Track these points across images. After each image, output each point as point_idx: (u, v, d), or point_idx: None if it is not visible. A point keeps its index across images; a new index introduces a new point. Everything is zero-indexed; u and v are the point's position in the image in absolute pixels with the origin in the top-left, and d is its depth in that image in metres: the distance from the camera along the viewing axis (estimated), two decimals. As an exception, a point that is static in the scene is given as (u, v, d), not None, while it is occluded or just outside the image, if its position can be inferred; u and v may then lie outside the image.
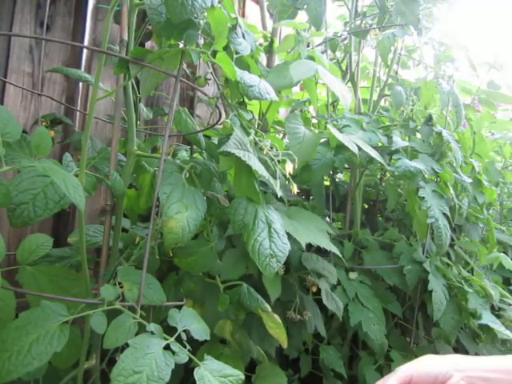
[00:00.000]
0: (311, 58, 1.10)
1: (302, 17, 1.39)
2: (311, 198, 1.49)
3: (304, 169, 1.16)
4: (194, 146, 1.07)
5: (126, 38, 0.78)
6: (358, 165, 1.37)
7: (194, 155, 1.16)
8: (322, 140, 1.24)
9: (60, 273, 0.72)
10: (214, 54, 0.77)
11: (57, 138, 1.22)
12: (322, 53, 1.38)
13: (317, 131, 1.13)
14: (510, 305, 1.49)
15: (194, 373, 0.60)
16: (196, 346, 0.81)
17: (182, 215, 0.70)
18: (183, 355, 0.61)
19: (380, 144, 1.30)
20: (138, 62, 0.74)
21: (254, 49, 0.98)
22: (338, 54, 1.62)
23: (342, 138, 1.06)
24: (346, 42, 1.54)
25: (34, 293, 0.67)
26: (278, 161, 0.84)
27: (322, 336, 1.17)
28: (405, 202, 1.48)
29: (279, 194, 0.81)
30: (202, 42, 0.81)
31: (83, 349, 0.70)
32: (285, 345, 0.88)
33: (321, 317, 1.14)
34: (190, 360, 0.62)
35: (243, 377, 0.64)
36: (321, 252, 1.27)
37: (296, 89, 1.72)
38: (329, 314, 1.26)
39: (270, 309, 0.87)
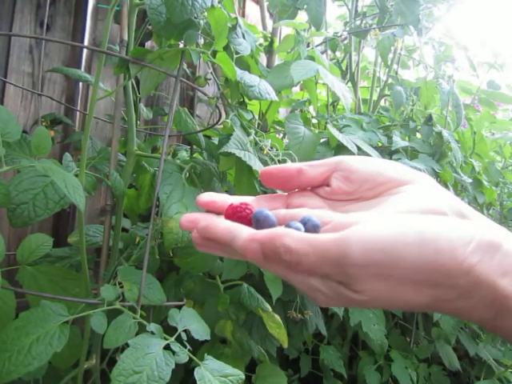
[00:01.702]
0: (311, 58, 1.10)
1: (302, 17, 1.39)
2: (311, 198, 1.49)
3: (304, 169, 1.16)
4: (194, 146, 1.07)
5: (126, 37, 0.78)
6: (358, 165, 1.37)
7: (194, 155, 1.16)
8: (322, 140, 1.24)
9: (60, 273, 0.72)
10: (214, 54, 0.77)
11: (57, 137, 1.22)
12: (322, 53, 1.38)
13: (317, 131, 1.13)
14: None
15: (195, 373, 0.60)
16: (196, 346, 0.81)
17: (182, 215, 0.70)
18: (183, 355, 0.61)
19: (380, 144, 1.30)
20: (138, 62, 0.74)
21: (254, 49, 0.98)
22: (338, 54, 1.62)
23: (341, 138, 1.07)
24: (346, 41, 1.54)
25: (34, 293, 0.67)
26: (279, 161, 0.84)
27: (323, 336, 1.17)
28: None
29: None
30: (202, 41, 0.81)
31: (83, 349, 0.70)
32: (285, 344, 0.88)
33: (321, 316, 1.14)
34: (191, 360, 0.62)
35: (243, 376, 0.64)
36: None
37: (296, 89, 1.72)
38: (329, 313, 1.26)
39: (270, 308, 0.87)
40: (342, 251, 0.24)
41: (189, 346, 0.63)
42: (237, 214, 0.29)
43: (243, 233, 0.26)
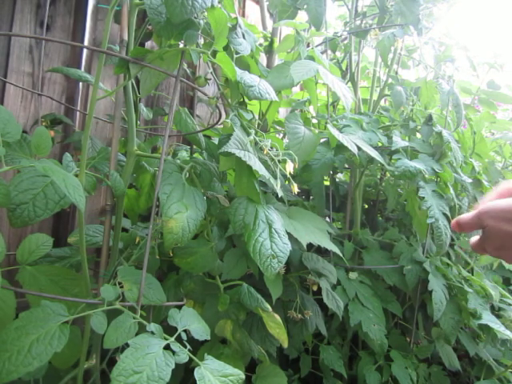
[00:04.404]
0: (311, 57, 1.10)
1: (302, 17, 1.39)
2: (311, 198, 1.49)
3: (304, 169, 1.17)
4: (194, 146, 1.07)
5: (126, 37, 0.78)
6: (358, 165, 1.37)
7: (194, 155, 1.16)
8: (321, 140, 1.24)
9: (60, 273, 0.72)
10: (214, 53, 0.77)
11: (57, 137, 1.22)
12: (322, 53, 1.38)
13: (317, 131, 1.13)
14: (510, 305, 1.49)
15: (195, 372, 0.60)
16: (196, 346, 0.81)
17: (181, 215, 0.70)
18: (183, 355, 0.61)
19: (380, 144, 1.30)
20: (138, 62, 0.74)
21: (254, 49, 0.98)
22: (338, 54, 1.62)
23: (341, 138, 1.07)
24: (346, 41, 1.54)
25: (34, 293, 0.67)
26: (279, 161, 0.84)
27: (323, 336, 1.17)
28: (405, 202, 1.48)
29: (279, 193, 0.81)
30: (202, 41, 0.81)
31: (83, 349, 0.70)
32: (285, 344, 0.88)
33: (321, 316, 1.14)
34: (191, 360, 0.62)
35: (243, 376, 0.64)
36: (320, 252, 1.27)
37: (296, 89, 1.72)
38: (329, 313, 1.26)
39: (270, 308, 0.87)
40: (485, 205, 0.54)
41: (189, 346, 0.63)
42: None
43: None
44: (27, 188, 0.61)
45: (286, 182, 1.11)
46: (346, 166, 1.49)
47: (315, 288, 1.10)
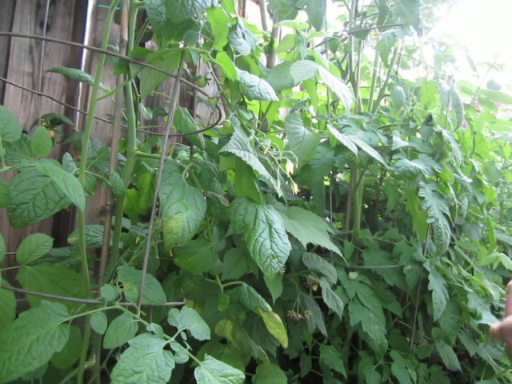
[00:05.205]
0: (311, 58, 1.10)
1: (302, 17, 1.39)
2: (311, 198, 1.49)
3: (304, 169, 1.16)
4: (194, 146, 1.07)
5: (126, 37, 0.78)
6: (358, 165, 1.37)
7: (194, 155, 1.16)
8: (322, 140, 1.24)
9: (60, 273, 0.72)
10: (214, 53, 0.77)
11: (57, 137, 1.22)
12: (322, 53, 1.38)
13: (317, 131, 1.13)
14: (510, 305, 1.48)
15: (195, 372, 0.60)
16: (196, 346, 0.81)
17: (181, 215, 0.70)
18: (183, 355, 0.61)
19: (380, 144, 1.30)
20: (138, 62, 0.74)
21: (254, 49, 0.98)
22: (338, 54, 1.62)
23: (341, 138, 1.07)
24: (346, 41, 1.54)
25: (34, 293, 0.67)
26: (279, 161, 0.84)
27: (323, 336, 1.17)
28: (405, 202, 1.48)
29: (280, 193, 0.81)
30: (202, 41, 0.81)
31: (83, 349, 0.70)
32: (285, 344, 0.88)
33: (321, 316, 1.14)
34: (191, 360, 0.62)
35: (243, 376, 0.64)
36: (320, 252, 1.27)
37: (296, 89, 1.72)
38: (329, 313, 1.26)
39: (270, 308, 0.87)
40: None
41: (189, 346, 0.63)
42: None
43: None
44: (27, 188, 0.61)
45: (286, 182, 1.11)
46: (346, 165, 1.49)
47: (315, 288, 1.10)
